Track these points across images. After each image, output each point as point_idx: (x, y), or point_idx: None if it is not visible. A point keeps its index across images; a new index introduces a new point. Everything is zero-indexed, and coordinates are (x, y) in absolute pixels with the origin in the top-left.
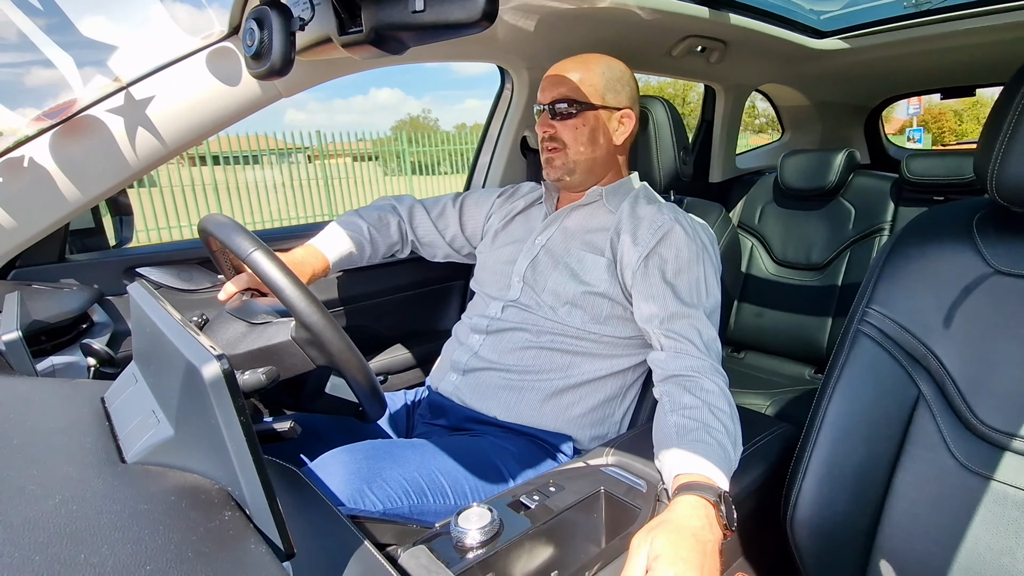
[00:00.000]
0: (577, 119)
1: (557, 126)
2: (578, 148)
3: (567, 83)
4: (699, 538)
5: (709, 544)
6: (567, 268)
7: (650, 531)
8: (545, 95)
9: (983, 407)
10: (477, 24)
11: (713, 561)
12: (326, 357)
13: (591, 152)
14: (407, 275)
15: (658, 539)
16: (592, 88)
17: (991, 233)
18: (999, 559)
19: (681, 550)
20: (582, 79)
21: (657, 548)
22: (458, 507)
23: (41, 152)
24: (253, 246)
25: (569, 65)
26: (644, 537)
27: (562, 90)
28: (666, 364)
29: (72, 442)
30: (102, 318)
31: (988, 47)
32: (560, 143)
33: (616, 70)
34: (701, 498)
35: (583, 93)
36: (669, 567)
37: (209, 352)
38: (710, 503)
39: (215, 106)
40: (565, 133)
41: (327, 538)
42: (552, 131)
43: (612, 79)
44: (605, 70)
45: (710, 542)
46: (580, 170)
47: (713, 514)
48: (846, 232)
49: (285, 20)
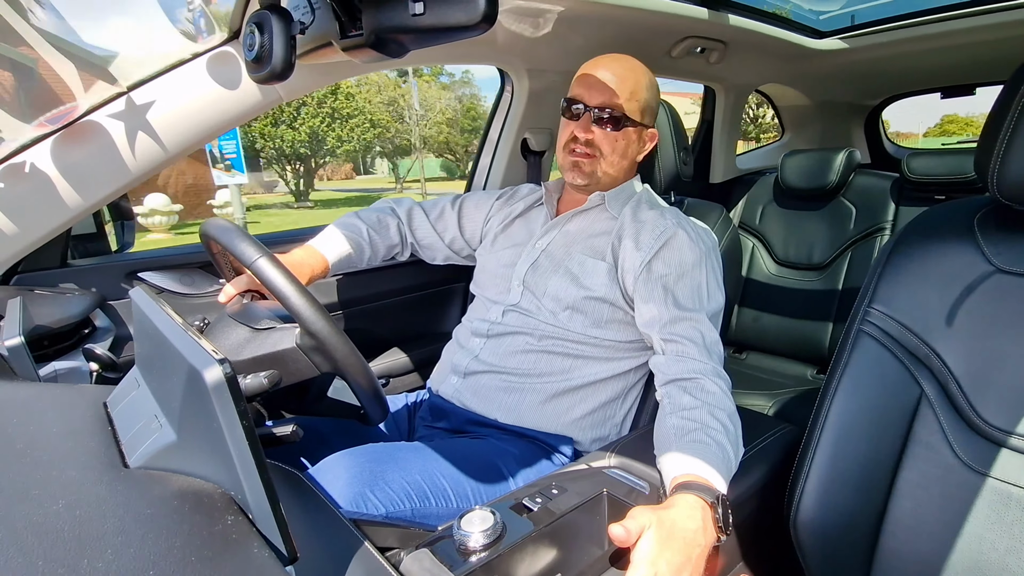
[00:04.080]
0: (620, 132)
1: (597, 132)
2: (612, 161)
3: (619, 92)
4: (688, 542)
5: (698, 550)
6: (568, 272)
7: (651, 512)
8: (591, 95)
9: (986, 406)
10: (477, 27)
11: (697, 568)
12: (330, 363)
13: (619, 167)
14: (407, 278)
15: (647, 534)
16: (639, 104)
17: (992, 231)
18: (1003, 558)
19: (666, 551)
20: (633, 92)
21: (643, 547)
22: (460, 510)
23: (43, 157)
24: (257, 253)
25: (618, 69)
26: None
27: (614, 98)
28: (667, 368)
29: (75, 447)
30: (104, 323)
31: (988, 46)
32: (596, 151)
33: (655, 86)
34: (699, 498)
35: (631, 106)
36: (649, 566)
37: (211, 356)
38: (707, 504)
39: (216, 110)
40: (604, 143)
41: (330, 542)
42: (591, 136)
43: (652, 96)
44: (649, 85)
45: (700, 547)
46: (605, 181)
47: (709, 516)
48: (847, 232)
49: (285, 24)
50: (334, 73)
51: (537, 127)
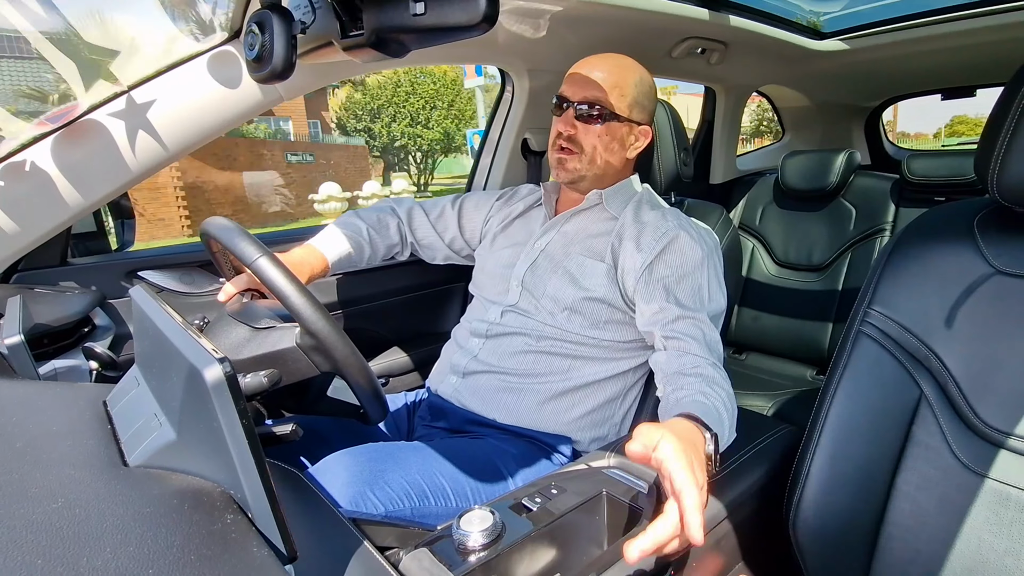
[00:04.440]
0: (602, 127)
1: (579, 128)
2: (595, 157)
3: (600, 86)
4: (696, 446)
5: (701, 454)
6: (566, 273)
7: (657, 427)
8: (574, 90)
9: (985, 407)
10: (478, 27)
11: (703, 466)
12: (330, 363)
13: (605, 164)
14: (407, 278)
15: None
16: (623, 98)
17: (992, 233)
18: (1002, 560)
19: (688, 449)
20: (616, 85)
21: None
22: (459, 509)
23: (43, 156)
24: (258, 252)
25: (604, 66)
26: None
27: (594, 92)
28: (668, 364)
29: (74, 445)
30: (104, 321)
31: (989, 47)
32: (577, 147)
33: (647, 83)
34: (694, 424)
35: (613, 101)
36: (682, 456)
37: (211, 355)
38: (700, 431)
39: (216, 110)
40: (586, 138)
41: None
42: (572, 132)
43: (643, 93)
44: (639, 81)
45: (702, 453)
46: (590, 179)
47: (702, 441)
48: (847, 233)
49: (286, 24)
50: (335, 72)
51: (537, 127)
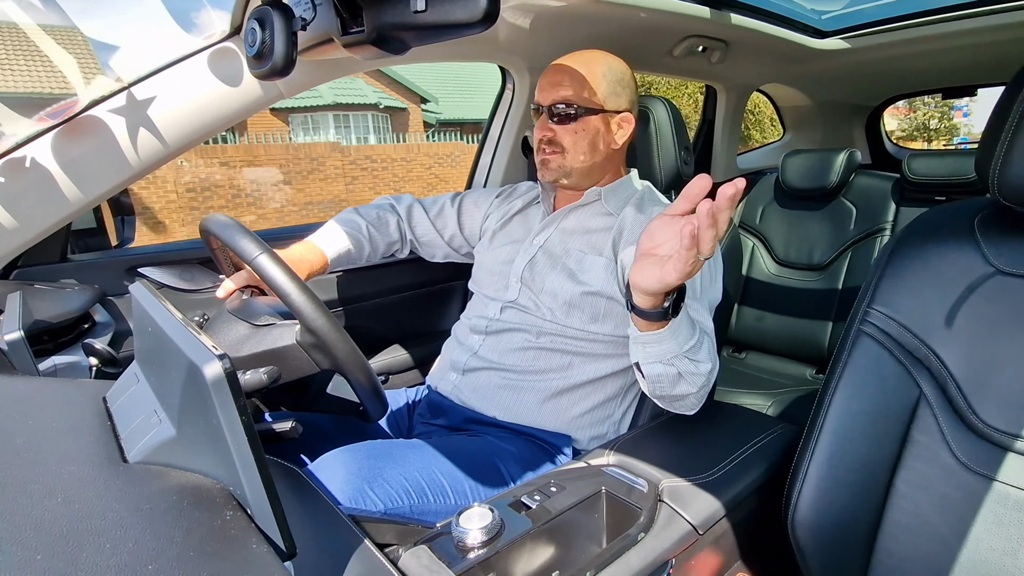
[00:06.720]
0: (577, 123)
1: (556, 129)
2: (577, 154)
3: (568, 84)
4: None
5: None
6: (565, 269)
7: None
8: (544, 95)
9: (985, 407)
10: (479, 24)
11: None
12: (330, 360)
13: (590, 157)
14: (407, 275)
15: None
16: (593, 91)
17: (993, 233)
18: (1001, 560)
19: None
20: (583, 81)
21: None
22: (459, 507)
23: (43, 152)
24: (258, 249)
25: (569, 64)
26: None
27: (562, 92)
28: None
29: (74, 442)
30: (104, 318)
31: (989, 47)
32: (559, 147)
33: (617, 71)
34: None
35: (584, 96)
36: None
37: (211, 352)
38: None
39: (217, 106)
40: (564, 137)
41: (328, 538)
42: (551, 134)
43: (614, 81)
44: (607, 71)
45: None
46: (577, 174)
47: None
48: (848, 232)
49: (287, 20)
50: (335, 70)
51: None
